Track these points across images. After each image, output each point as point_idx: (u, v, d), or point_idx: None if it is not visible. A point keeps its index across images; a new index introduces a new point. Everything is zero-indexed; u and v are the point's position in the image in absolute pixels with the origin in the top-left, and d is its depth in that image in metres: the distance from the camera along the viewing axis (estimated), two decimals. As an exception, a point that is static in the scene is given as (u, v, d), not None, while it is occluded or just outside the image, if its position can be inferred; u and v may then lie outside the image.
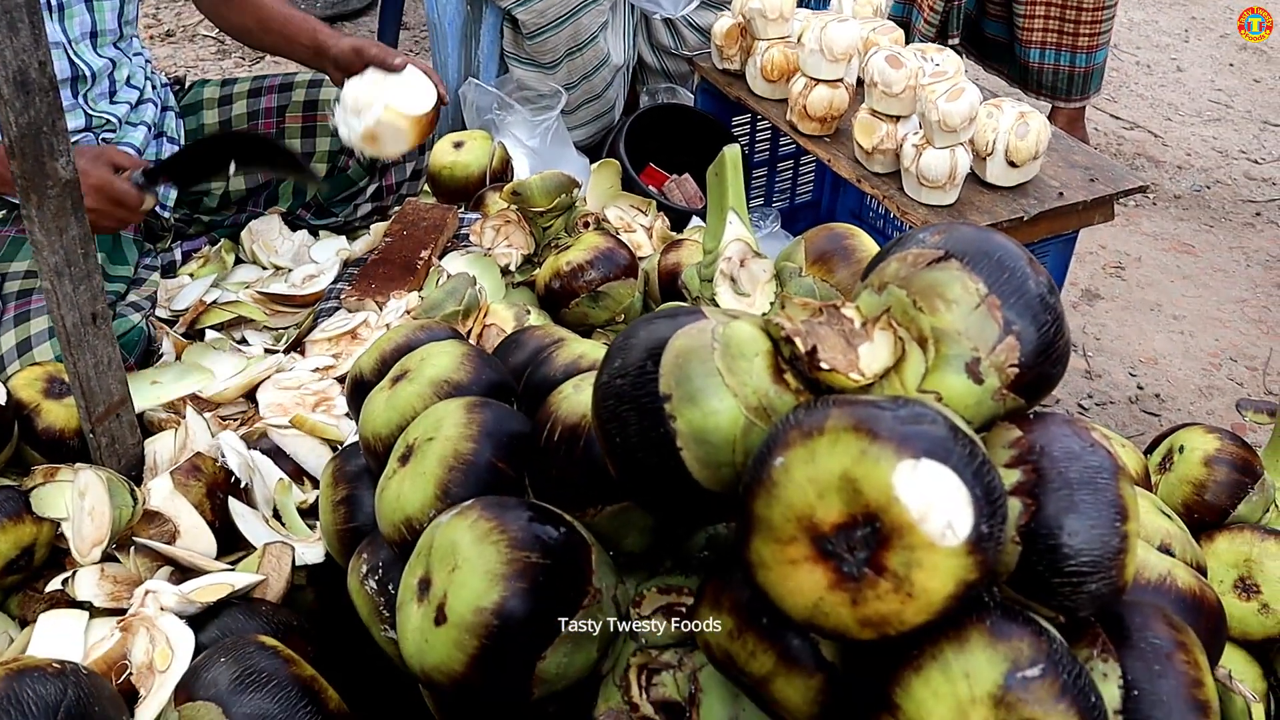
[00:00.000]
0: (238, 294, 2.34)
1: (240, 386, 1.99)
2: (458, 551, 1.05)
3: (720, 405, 0.90)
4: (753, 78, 2.82)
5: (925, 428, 0.79)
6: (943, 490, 0.77)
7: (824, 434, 0.79)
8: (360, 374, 1.57)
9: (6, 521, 1.58)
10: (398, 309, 2.12)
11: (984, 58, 3.88)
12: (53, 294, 1.55)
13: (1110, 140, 4.33)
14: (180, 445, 1.80)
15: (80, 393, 1.65)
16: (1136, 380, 3.13)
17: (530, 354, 1.53)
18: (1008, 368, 0.93)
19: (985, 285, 0.94)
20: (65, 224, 1.52)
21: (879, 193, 2.51)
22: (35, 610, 1.66)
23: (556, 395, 1.21)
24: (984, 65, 3.89)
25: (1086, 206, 2.53)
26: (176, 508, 1.63)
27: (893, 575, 0.77)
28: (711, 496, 0.93)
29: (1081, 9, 3.53)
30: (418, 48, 4.73)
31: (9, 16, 1.33)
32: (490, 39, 3.17)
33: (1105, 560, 0.85)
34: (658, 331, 0.95)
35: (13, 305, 2.05)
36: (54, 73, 1.42)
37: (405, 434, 1.30)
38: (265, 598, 1.51)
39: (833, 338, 0.92)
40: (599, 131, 3.30)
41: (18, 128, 1.40)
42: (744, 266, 1.71)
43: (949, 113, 2.30)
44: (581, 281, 2.05)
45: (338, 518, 1.47)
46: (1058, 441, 0.89)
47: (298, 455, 1.83)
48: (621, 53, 3.22)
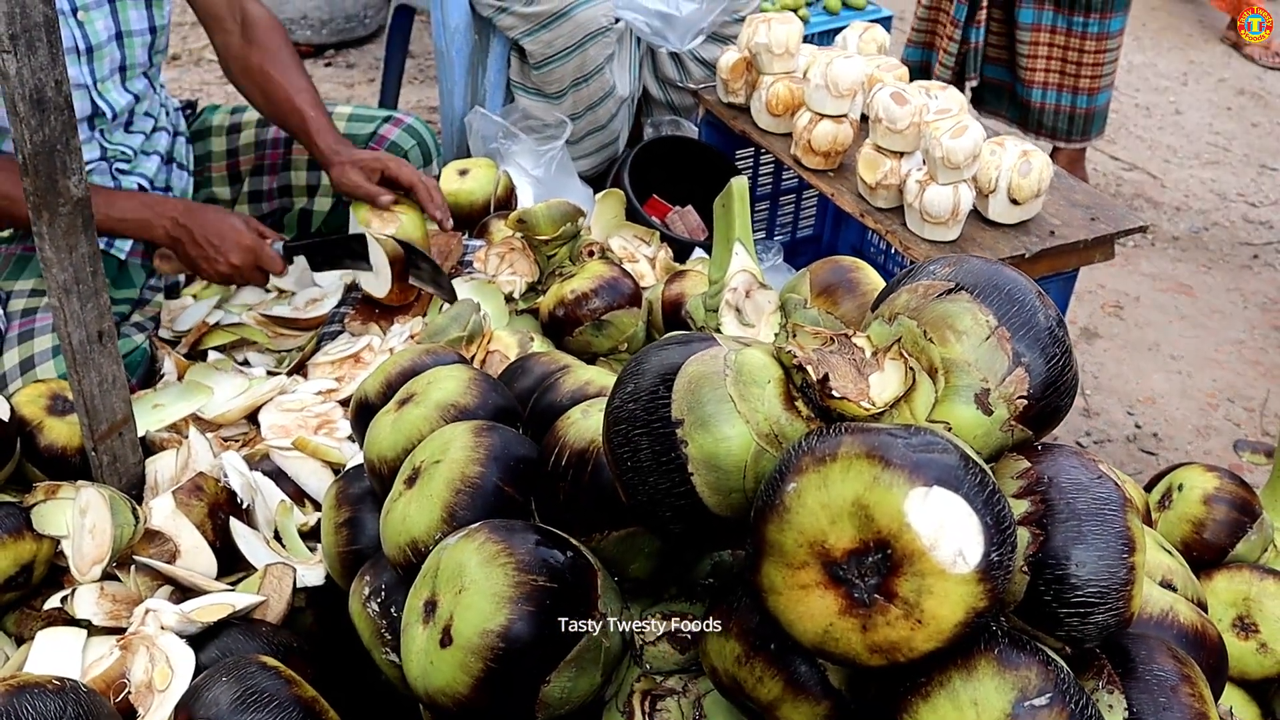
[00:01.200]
0: (241, 316, 2.35)
1: (242, 408, 1.99)
2: (465, 574, 1.06)
3: (732, 431, 0.91)
4: (757, 111, 2.85)
5: (937, 456, 0.80)
6: (954, 518, 0.77)
7: (837, 460, 0.80)
8: (365, 397, 1.58)
9: (6, 538, 1.58)
10: (401, 334, 2.13)
11: (980, 103, 3.91)
12: (60, 311, 1.55)
13: (1109, 181, 4.36)
14: (182, 465, 1.80)
15: (84, 410, 1.65)
16: (1134, 419, 3.14)
17: (536, 380, 1.54)
18: (1016, 399, 0.94)
19: (995, 317, 0.95)
20: (75, 242, 1.52)
21: (882, 228, 2.53)
22: (32, 628, 1.65)
23: (564, 421, 1.21)
24: (980, 110, 3.92)
25: (1087, 245, 2.55)
26: (178, 527, 1.63)
27: (903, 602, 0.78)
28: (721, 522, 0.93)
29: (1084, 51, 3.57)
30: (422, 75, 4.76)
31: (27, 36, 1.34)
32: (497, 68, 3.20)
33: (1112, 591, 0.86)
34: (670, 357, 0.96)
35: (16, 323, 2.06)
36: (69, 91, 1.43)
37: (412, 457, 1.30)
38: (265, 619, 1.51)
39: (844, 367, 0.93)
40: (603, 162, 3.32)
41: (32, 145, 1.41)
42: (749, 297, 1.72)
43: (953, 149, 2.32)
44: (585, 310, 2.06)
45: (340, 540, 1.47)
46: (1066, 473, 0.90)
47: (299, 477, 1.83)
48: (627, 84, 3.24)
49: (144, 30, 2.19)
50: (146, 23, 2.19)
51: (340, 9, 4.82)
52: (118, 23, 2.13)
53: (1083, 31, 3.56)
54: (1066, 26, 3.57)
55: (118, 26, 2.13)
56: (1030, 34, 3.61)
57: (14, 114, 1.38)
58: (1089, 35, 3.56)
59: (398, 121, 2.49)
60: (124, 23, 2.14)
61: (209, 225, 2.06)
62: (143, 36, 2.19)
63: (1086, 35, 3.55)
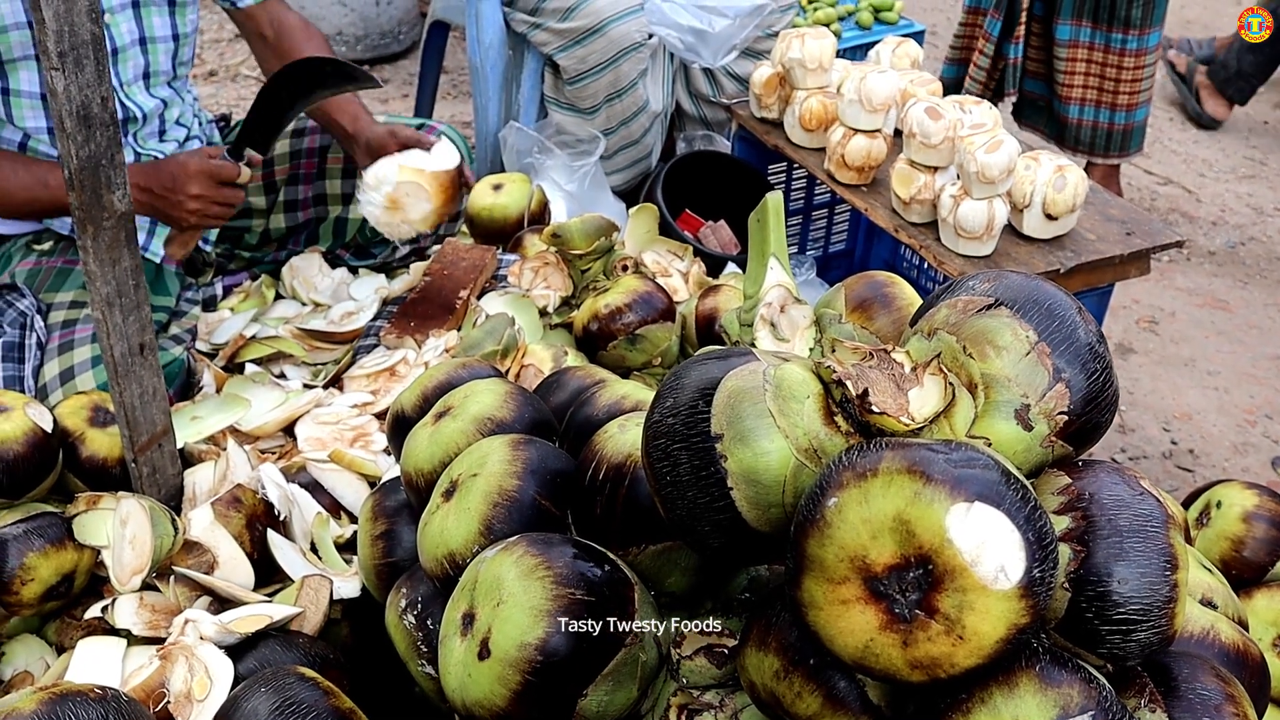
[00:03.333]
0: (277, 329, 2.37)
1: (279, 420, 2.01)
2: (503, 587, 1.06)
3: (771, 446, 0.91)
4: (790, 126, 2.85)
5: (978, 471, 0.79)
6: (995, 534, 0.77)
7: (878, 475, 0.80)
8: (402, 410, 1.59)
9: (49, 547, 1.60)
10: (436, 347, 2.14)
11: (1020, 116, 3.90)
12: (103, 324, 1.57)
13: (1144, 196, 4.33)
14: (220, 476, 1.82)
15: (125, 421, 1.67)
16: (1170, 435, 3.11)
17: (571, 394, 1.54)
18: (1057, 415, 0.93)
19: (1035, 333, 0.95)
20: (119, 255, 1.55)
21: (916, 242, 2.52)
22: (73, 637, 1.67)
23: (601, 435, 1.22)
24: (1019, 123, 3.91)
25: (1123, 260, 2.53)
26: (216, 538, 1.65)
27: (944, 618, 0.78)
28: (760, 537, 0.93)
29: (1122, 67, 3.55)
30: (456, 90, 4.79)
31: (75, 54, 1.36)
32: (531, 84, 3.22)
33: (1155, 609, 0.85)
34: (709, 372, 0.96)
35: (57, 335, 2.08)
36: (114, 108, 1.45)
37: (449, 470, 1.31)
38: (302, 630, 1.52)
39: (883, 382, 0.93)
40: (636, 177, 3.33)
41: (78, 160, 1.43)
42: (784, 312, 1.72)
43: (988, 164, 2.32)
44: (620, 324, 2.06)
45: (376, 552, 1.48)
46: (1107, 489, 0.90)
47: (335, 490, 1.84)
48: (660, 100, 3.26)
49: (167, 37, 2.22)
50: (170, 29, 2.22)
51: (375, 25, 4.86)
52: (141, 28, 2.16)
53: (1120, 48, 3.54)
54: (1104, 43, 3.56)
55: (141, 32, 2.17)
56: (1068, 50, 3.60)
57: (61, 129, 1.40)
58: (1127, 51, 3.54)
59: (431, 130, 2.51)
60: (148, 28, 2.18)
61: (161, 173, 2.05)
62: (166, 43, 2.22)
63: (1125, 51, 3.54)
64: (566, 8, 3.02)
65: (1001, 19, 3.60)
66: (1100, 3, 3.52)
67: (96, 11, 1.36)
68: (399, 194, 2.12)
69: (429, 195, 2.13)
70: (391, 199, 2.11)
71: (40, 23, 1.32)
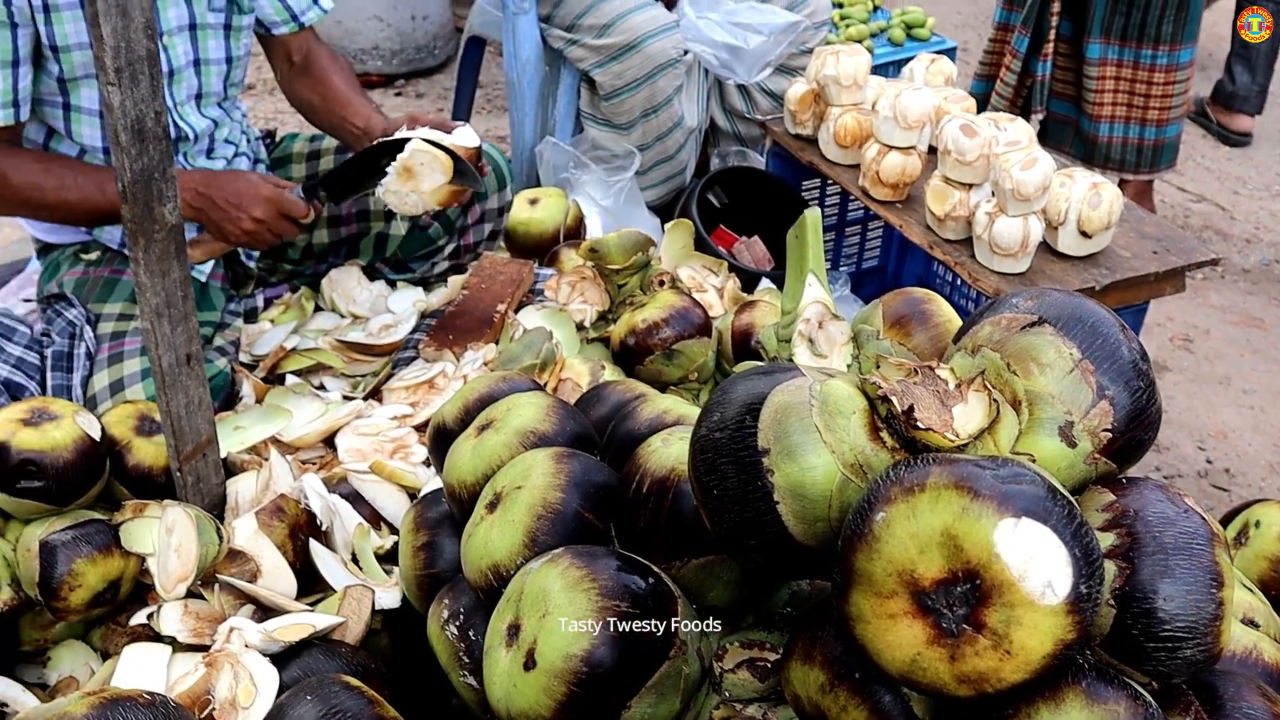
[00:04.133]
0: (317, 341, 2.40)
1: (320, 431, 2.03)
2: (548, 598, 1.08)
3: (818, 461, 0.92)
4: (825, 143, 2.86)
5: (1025, 487, 0.80)
6: (1043, 549, 0.78)
7: (925, 491, 0.81)
8: (443, 422, 1.61)
9: (96, 554, 1.62)
10: (474, 360, 2.16)
11: (1045, 138, 3.89)
12: (152, 334, 1.60)
13: (1177, 213, 4.31)
14: (262, 486, 1.84)
15: (171, 431, 1.69)
16: (1205, 454, 3.09)
17: (612, 408, 1.56)
18: (1101, 432, 0.94)
19: (1079, 350, 0.95)
20: (169, 267, 1.57)
21: (950, 259, 2.53)
22: (118, 643, 1.70)
23: (645, 449, 1.23)
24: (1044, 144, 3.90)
25: (1157, 278, 2.53)
26: (259, 547, 1.67)
27: (992, 632, 0.79)
28: (805, 551, 0.95)
29: (1152, 83, 3.55)
30: (491, 105, 4.83)
31: (131, 69, 1.39)
32: (567, 99, 3.25)
33: (1201, 626, 0.86)
34: (756, 387, 0.97)
35: (106, 346, 2.12)
36: (167, 123, 1.48)
37: (493, 482, 1.33)
38: (344, 639, 1.54)
39: (928, 398, 0.94)
40: (670, 192, 3.35)
41: (131, 174, 1.46)
42: (822, 328, 1.73)
43: (1023, 181, 2.32)
44: (656, 339, 2.08)
45: (418, 563, 1.49)
46: (1152, 506, 0.90)
47: (375, 501, 1.86)
48: (695, 115, 3.28)
49: (221, 60, 2.26)
50: (224, 52, 2.26)
51: (410, 40, 4.91)
52: (197, 50, 2.20)
53: (1151, 64, 3.54)
54: (1134, 60, 3.55)
55: (196, 54, 2.21)
56: (1098, 69, 3.59)
57: (116, 143, 1.43)
58: (1158, 68, 3.53)
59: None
60: (203, 51, 2.22)
61: (227, 187, 2.09)
62: (219, 66, 2.26)
63: (1155, 68, 3.53)
64: (603, 24, 3.05)
65: (1029, 36, 3.60)
66: (1130, 20, 3.51)
67: (152, 29, 1.40)
68: (413, 161, 2.09)
69: (443, 168, 2.10)
70: (405, 166, 2.08)
71: (98, 39, 1.35)
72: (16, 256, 3.23)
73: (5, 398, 2.02)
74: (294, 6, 2.37)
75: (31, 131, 2.15)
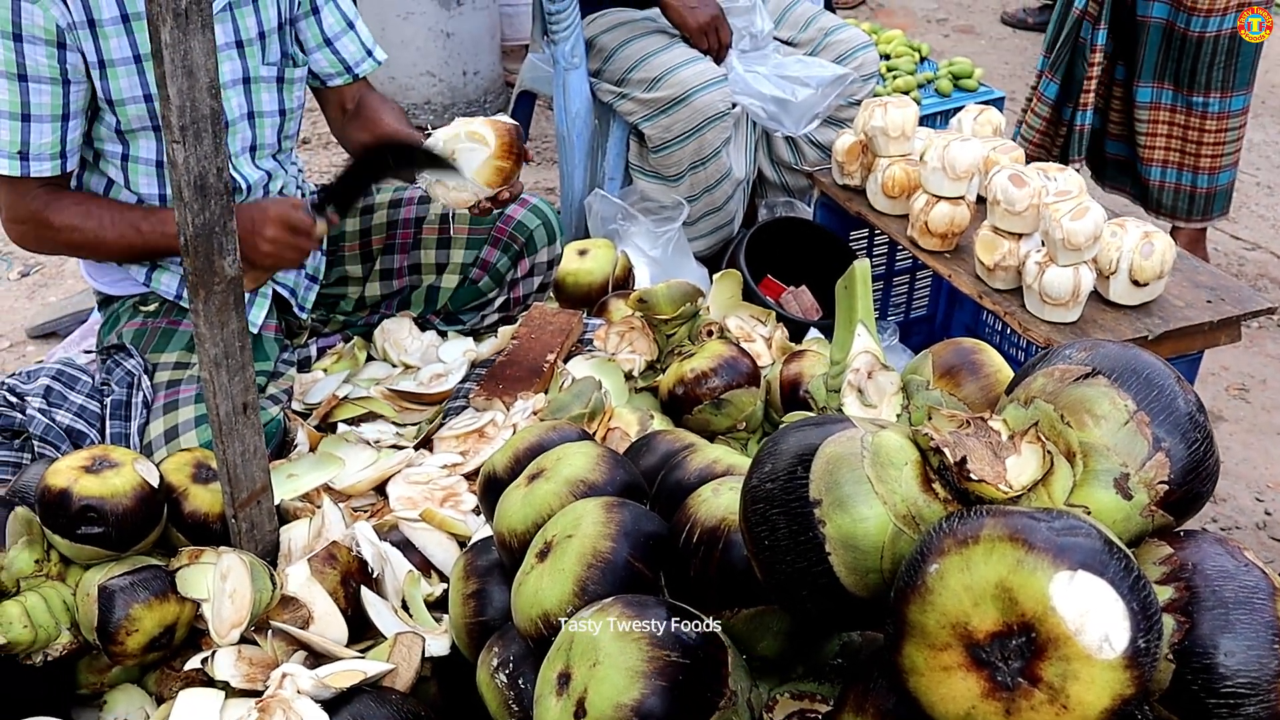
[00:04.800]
0: (368, 390, 2.43)
1: (372, 479, 2.05)
2: (599, 648, 1.08)
3: (870, 512, 0.92)
4: (873, 193, 2.87)
5: (1081, 540, 0.80)
6: (1100, 603, 0.77)
7: (979, 542, 0.81)
8: (494, 471, 1.62)
9: (153, 599, 1.65)
10: (524, 410, 2.18)
11: (1103, 178, 3.88)
12: (210, 384, 1.63)
13: (1231, 261, 4.27)
14: (315, 533, 1.86)
15: (226, 478, 1.72)
16: (1264, 506, 3.04)
17: (661, 458, 1.57)
18: (1157, 484, 0.94)
19: (1134, 402, 0.95)
20: (227, 318, 1.61)
21: (1000, 309, 2.52)
22: (172, 688, 1.72)
23: (695, 498, 1.23)
24: (1103, 185, 3.89)
25: (1212, 327, 2.50)
26: (312, 594, 1.69)
27: (1048, 686, 0.78)
28: (857, 602, 0.94)
29: (1204, 130, 3.53)
30: (540, 158, 4.89)
31: (195, 127, 1.43)
32: (616, 152, 3.29)
33: (1263, 683, 0.84)
34: (807, 438, 0.98)
35: (162, 394, 2.16)
36: (229, 178, 1.52)
37: (543, 531, 1.34)
38: (394, 687, 1.54)
39: (981, 449, 0.94)
40: (718, 243, 3.37)
41: (194, 228, 1.50)
42: (871, 379, 1.73)
43: (1073, 231, 2.31)
44: (705, 389, 2.09)
45: (468, 611, 1.50)
46: (1210, 560, 0.89)
47: (426, 548, 1.87)
48: (743, 167, 3.30)
49: (274, 112, 2.31)
50: (277, 105, 2.32)
51: (461, 95, 5.00)
52: (250, 103, 2.26)
53: (1203, 111, 3.52)
54: (1186, 106, 3.54)
55: (250, 106, 2.26)
56: (1149, 113, 3.58)
57: (179, 198, 1.47)
58: (1209, 115, 3.52)
59: (524, 201, 2.56)
60: (256, 104, 2.27)
61: (241, 214, 2.10)
62: (273, 118, 2.31)
63: (1207, 115, 3.51)
64: (653, 78, 3.09)
65: (1059, 82, 3.61)
66: (1182, 66, 3.50)
67: (216, 88, 1.44)
68: (455, 145, 2.09)
69: (486, 140, 2.08)
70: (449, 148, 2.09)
71: (165, 99, 1.40)
72: (79, 308, 3.31)
73: (68, 445, 2.07)
74: (348, 59, 2.43)
75: (93, 184, 2.22)
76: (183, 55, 1.39)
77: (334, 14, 2.40)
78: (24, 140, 2.04)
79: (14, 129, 2.03)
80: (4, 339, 3.47)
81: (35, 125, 2.04)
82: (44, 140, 2.05)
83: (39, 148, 2.06)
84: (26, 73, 2.00)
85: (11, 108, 2.02)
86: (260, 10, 2.22)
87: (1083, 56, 3.58)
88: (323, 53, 2.41)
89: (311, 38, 2.39)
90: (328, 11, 2.39)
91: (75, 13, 1.99)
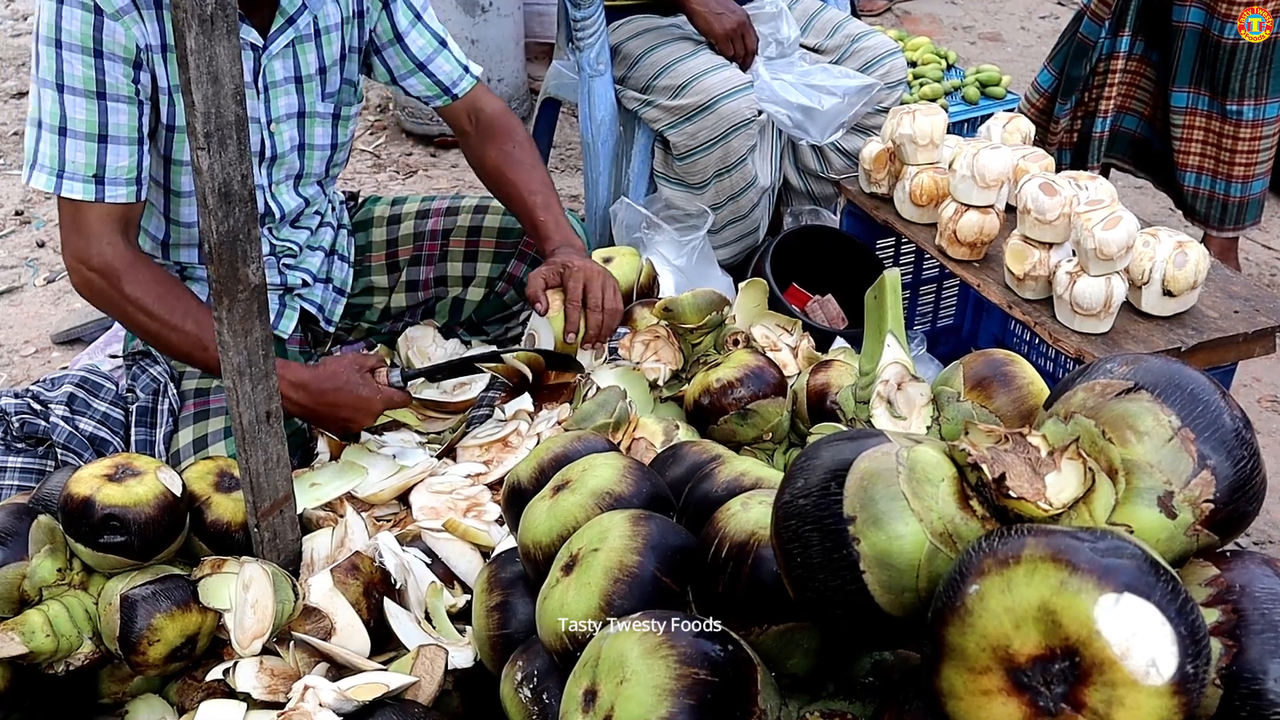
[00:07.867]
0: (392, 398, 2.42)
1: (394, 489, 2.04)
2: (626, 664, 1.06)
3: (905, 530, 0.90)
4: (901, 201, 2.84)
5: (1126, 561, 0.77)
6: (1146, 626, 0.75)
7: (1020, 563, 0.78)
8: (518, 482, 1.60)
9: (175, 609, 1.64)
10: (549, 419, 2.16)
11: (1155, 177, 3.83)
12: (233, 392, 1.62)
13: (1263, 271, 4.21)
14: (337, 543, 1.85)
15: (249, 487, 1.71)
16: (1298, 521, 2.99)
17: (688, 469, 1.54)
18: (1202, 503, 0.91)
19: (1178, 418, 0.92)
20: (250, 326, 1.60)
21: (1030, 319, 2.49)
22: (194, 698, 1.70)
23: (723, 512, 1.21)
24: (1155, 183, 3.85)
25: (1246, 339, 2.46)
26: (334, 605, 1.67)
27: (1092, 712, 0.75)
28: (892, 621, 0.92)
29: (1238, 138, 3.49)
30: (564, 165, 4.88)
31: (220, 134, 1.42)
32: (641, 159, 3.27)
33: (1314, 710, 0.82)
34: (841, 453, 0.95)
35: (191, 403, 2.15)
36: (253, 184, 1.51)
37: (569, 544, 1.32)
38: (417, 700, 1.53)
39: (1019, 466, 0.91)
40: (743, 251, 3.35)
41: (218, 235, 1.49)
42: (901, 390, 1.71)
43: (1106, 241, 2.28)
44: (731, 399, 2.06)
45: (491, 623, 1.48)
46: (1259, 581, 0.87)
47: (449, 559, 1.85)
48: (768, 175, 3.28)
49: (326, 145, 2.29)
50: (329, 139, 2.29)
51: (486, 102, 5.00)
52: (303, 136, 2.23)
53: (1236, 118, 3.48)
54: (1220, 113, 3.50)
55: (302, 139, 2.23)
56: (1184, 117, 3.55)
57: (203, 205, 1.46)
58: (1243, 122, 3.48)
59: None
60: (309, 137, 2.24)
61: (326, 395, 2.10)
62: (323, 151, 2.28)
63: (1241, 122, 3.47)
64: (678, 85, 3.07)
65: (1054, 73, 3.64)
66: (1216, 72, 3.47)
67: (241, 94, 1.43)
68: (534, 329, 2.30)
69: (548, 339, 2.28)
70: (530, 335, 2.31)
71: (190, 105, 1.39)
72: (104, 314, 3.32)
73: (91, 453, 2.06)
74: (444, 80, 2.38)
75: (151, 227, 2.17)
76: (208, 61, 1.38)
77: (424, 35, 2.34)
78: (100, 163, 1.93)
79: (90, 150, 1.92)
80: (29, 345, 3.48)
81: (113, 147, 1.93)
82: (121, 163, 1.95)
83: (115, 171, 1.94)
84: (106, 90, 1.91)
85: (88, 128, 1.91)
86: (323, 46, 2.18)
87: (1084, 55, 3.55)
88: (417, 78, 2.36)
89: (401, 65, 2.33)
90: (416, 34, 2.32)
91: (153, 36, 1.93)
